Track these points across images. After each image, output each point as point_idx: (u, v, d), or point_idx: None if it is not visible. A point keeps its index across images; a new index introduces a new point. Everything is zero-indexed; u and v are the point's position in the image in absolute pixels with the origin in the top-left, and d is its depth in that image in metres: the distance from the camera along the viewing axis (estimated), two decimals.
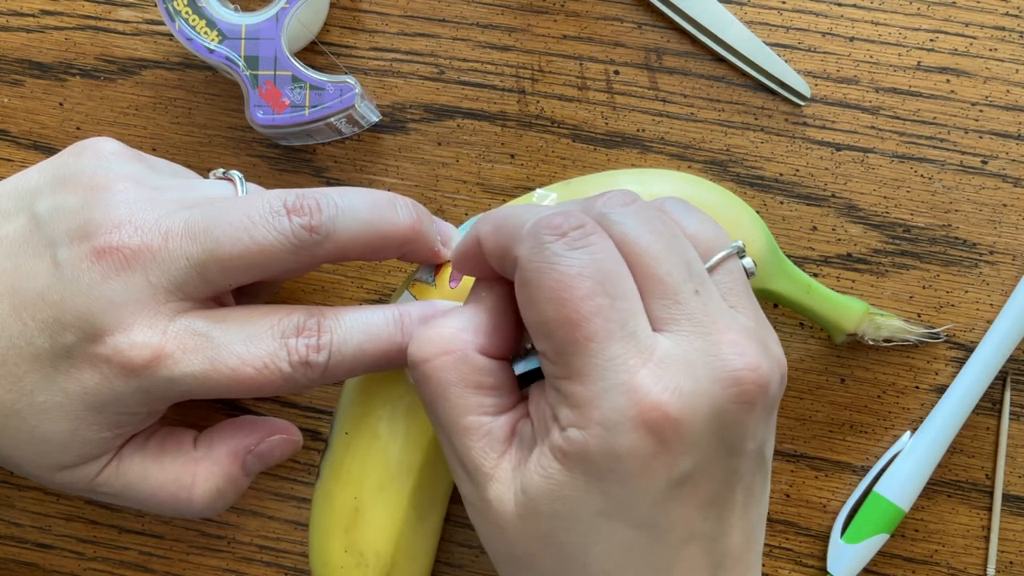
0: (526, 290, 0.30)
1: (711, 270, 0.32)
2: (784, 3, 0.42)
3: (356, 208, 0.35)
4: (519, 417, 0.32)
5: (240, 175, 0.37)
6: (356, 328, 0.35)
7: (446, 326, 0.32)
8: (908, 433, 0.41)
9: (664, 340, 0.29)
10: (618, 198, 0.31)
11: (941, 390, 0.42)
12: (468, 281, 0.36)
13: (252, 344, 0.33)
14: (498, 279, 0.33)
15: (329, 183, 0.43)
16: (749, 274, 0.33)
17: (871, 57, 0.42)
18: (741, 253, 0.33)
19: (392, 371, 0.37)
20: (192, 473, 0.36)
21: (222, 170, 0.38)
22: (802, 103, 0.42)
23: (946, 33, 0.42)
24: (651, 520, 0.29)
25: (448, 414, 0.31)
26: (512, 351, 0.33)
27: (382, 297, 0.43)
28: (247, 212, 0.34)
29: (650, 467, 0.29)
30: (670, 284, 0.30)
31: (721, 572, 0.31)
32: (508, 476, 0.31)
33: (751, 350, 0.30)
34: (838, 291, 0.41)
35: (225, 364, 0.33)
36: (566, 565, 0.30)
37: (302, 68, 0.40)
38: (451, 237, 0.38)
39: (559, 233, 0.30)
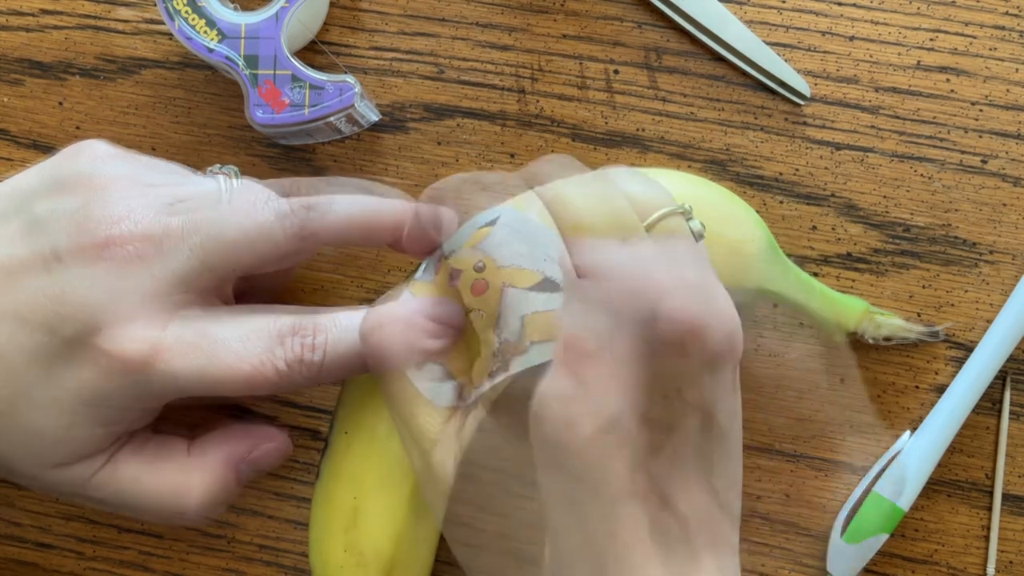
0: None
1: (651, 227, 0.31)
2: (784, 3, 0.42)
3: (350, 188, 0.36)
4: (464, 384, 0.32)
5: (236, 168, 0.37)
6: (352, 328, 0.35)
7: (394, 300, 0.33)
8: (908, 433, 0.41)
9: (586, 283, 0.29)
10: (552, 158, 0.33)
11: (941, 390, 0.42)
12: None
13: (249, 342, 0.34)
14: None
15: None
16: (697, 236, 0.32)
17: (871, 56, 0.42)
18: (687, 215, 0.32)
19: None
20: (187, 480, 0.36)
21: (219, 165, 0.38)
22: (802, 103, 0.42)
23: (946, 32, 0.42)
24: (583, 470, 0.28)
25: (395, 382, 0.32)
26: (459, 321, 0.34)
27: None
28: (245, 198, 0.34)
29: (572, 409, 0.28)
30: (596, 232, 0.30)
31: (674, 543, 0.29)
32: (451, 440, 0.31)
33: (681, 296, 0.29)
34: (838, 290, 0.41)
35: (222, 361, 0.33)
36: (505, 522, 0.30)
37: (302, 67, 0.40)
38: (445, 220, 0.38)
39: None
